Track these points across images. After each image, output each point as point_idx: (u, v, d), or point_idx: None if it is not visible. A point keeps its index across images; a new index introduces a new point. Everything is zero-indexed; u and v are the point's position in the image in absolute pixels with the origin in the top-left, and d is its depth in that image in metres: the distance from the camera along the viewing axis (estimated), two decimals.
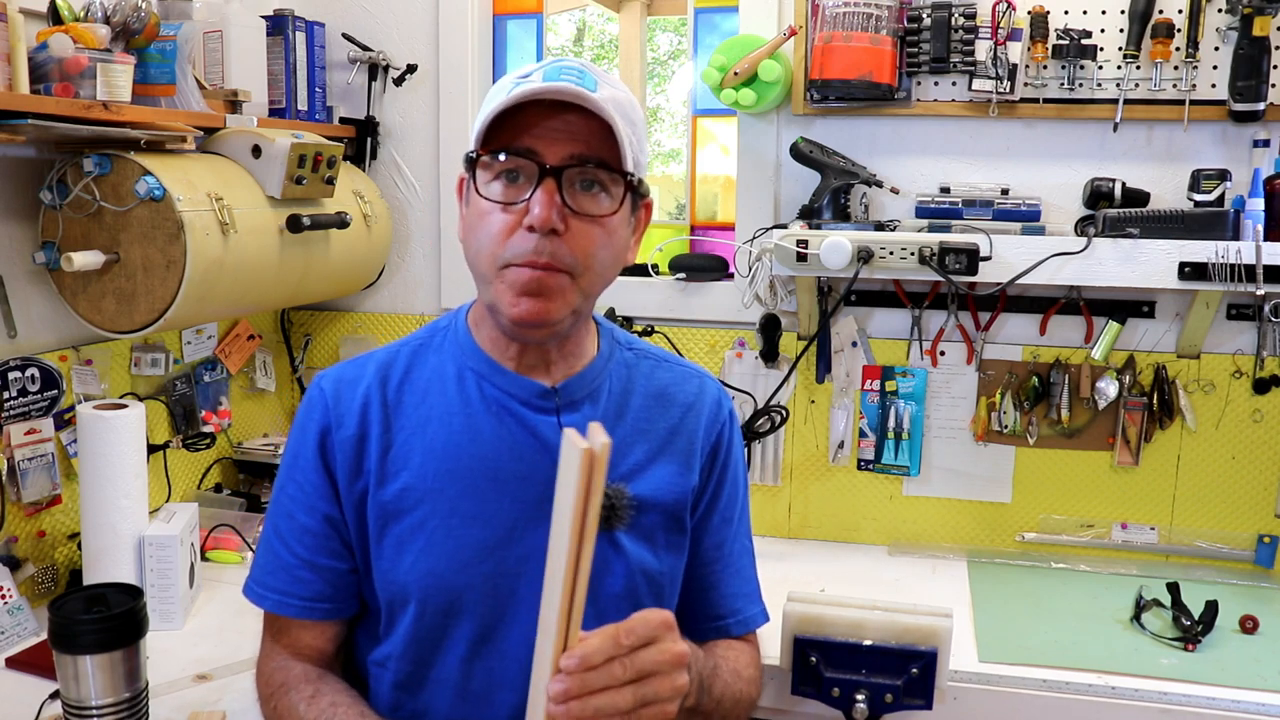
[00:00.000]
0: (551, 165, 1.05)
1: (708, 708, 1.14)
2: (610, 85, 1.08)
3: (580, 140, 1.06)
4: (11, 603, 1.66)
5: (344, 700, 1.15)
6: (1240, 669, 1.64)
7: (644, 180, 1.13)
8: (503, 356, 1.18)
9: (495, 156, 1.07)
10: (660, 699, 0.95)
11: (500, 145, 1.06)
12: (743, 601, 1.30)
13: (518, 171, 1.07)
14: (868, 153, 2.14)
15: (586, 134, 1.05)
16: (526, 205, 1.06)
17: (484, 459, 1.15)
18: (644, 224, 1.20)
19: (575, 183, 1.07)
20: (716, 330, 2.28)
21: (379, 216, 2.31)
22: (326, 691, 1.16)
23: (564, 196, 1.06)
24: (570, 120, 1.05)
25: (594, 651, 0.91)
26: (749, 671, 1.26)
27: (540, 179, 1.05)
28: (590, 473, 0.85)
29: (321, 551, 1.18)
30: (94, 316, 1.75)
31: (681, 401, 1.25)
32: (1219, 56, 1.92)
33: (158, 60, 1.79)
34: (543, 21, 2.52)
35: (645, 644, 0.94)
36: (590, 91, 1.04)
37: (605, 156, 1.06)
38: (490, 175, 1.08)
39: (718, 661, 1.19)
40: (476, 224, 1.10)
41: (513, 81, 1.08)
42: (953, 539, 2.22)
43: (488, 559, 1.13)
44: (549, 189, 1.05)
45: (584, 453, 0.84)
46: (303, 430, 1.19)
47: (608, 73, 1.12)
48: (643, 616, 0.96)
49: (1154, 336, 2.07)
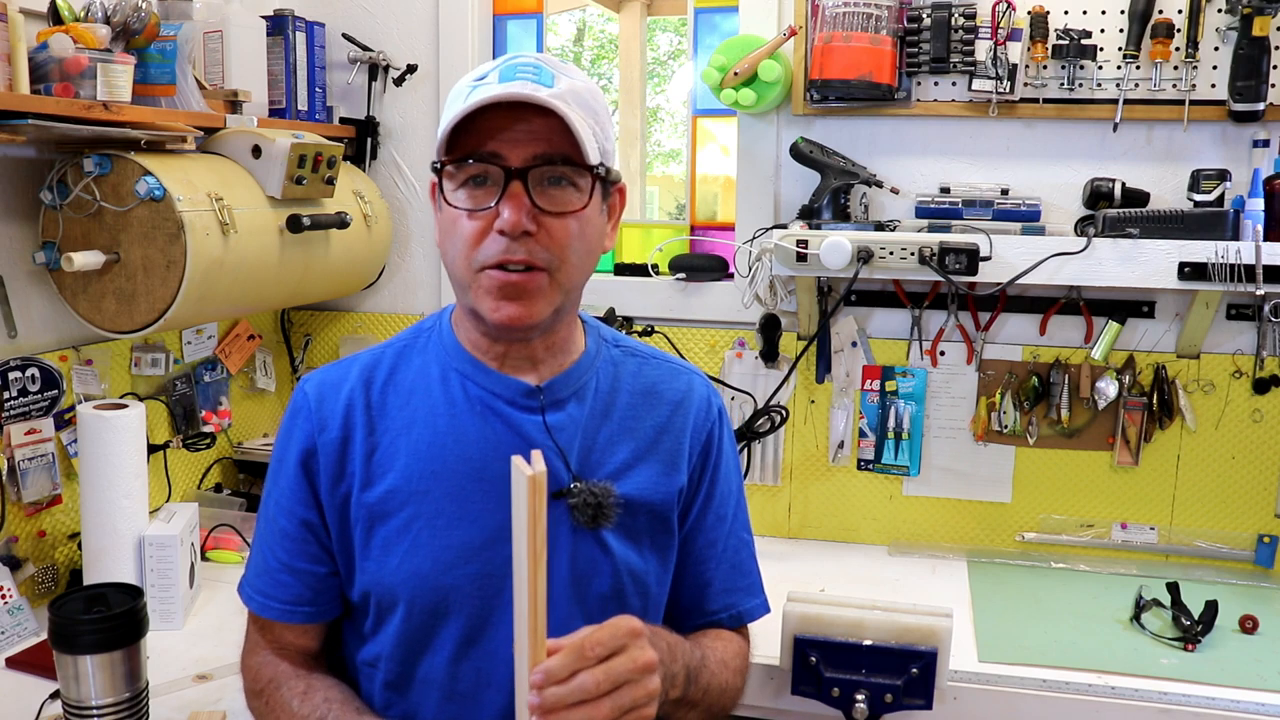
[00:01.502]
0: (516, 167, 1.05)
1: (694, 697, 1.14)
2: (568, 76, 1.08)
3: (542, 139, 1.05)
4: (11, 603, 1.66)
5: (336, 696, 1.15)
6: (1240, 669, 1.64)
7: (612, 168, 1.12)
8: (487, 356, 1.18)
9: (460, 164, 1.07)
10: (637, 705, 0.96)
11: (464, 152, 1.06)
12: (740, 595, 1.30)
13: (484, 176, 1.07)
14: (868, 153, 2.14)
15: (548, 132, 1.05)
16: (496, 210, 1.06)
17: (469, 460, 1.15)
18: (619, 210, 1.20)
19: (542, 181, 1.07)
20: (716, 330, 2.28)
21: (379, 216, 2.31)
22: (319, 688, 1.16)
23: (532, 197, 1.06)
24: (530, 120, 1.05)
25: (558, 667, 0.93)
26: (735, 662, 1.26)
27: (506, 182, 1.05)
28: (534, 497, 0.88)
29: (300, 556, 1.18)
30: (94, 316, 1.75)
31: (670, 399, 1.25)
32: (1219, 56, 1.92)
33: (158, 60, 1.79)
34: (543, 21, 2.52)
35: (614, 653, 0.95)
36: (546, 87, 1.04)
37: (569, 152, 1.06)
38: (457, 182, 1.08)
39: (705, 652, 1.19)
40: (449, 230, 1.10)
41: (469, 85, 1.08)
42: (953, 539, 2.22)
43: (474, 559, 1.14)
44: (516, 191, 1.05)
45: (528, 479, 0.87)
46: (287, 435, 1.20)
47: (565, 63, 1.11)
48: (610, 625, 0.96)
49: (1154, 336, 2.07)
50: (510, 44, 2.52)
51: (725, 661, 1.23)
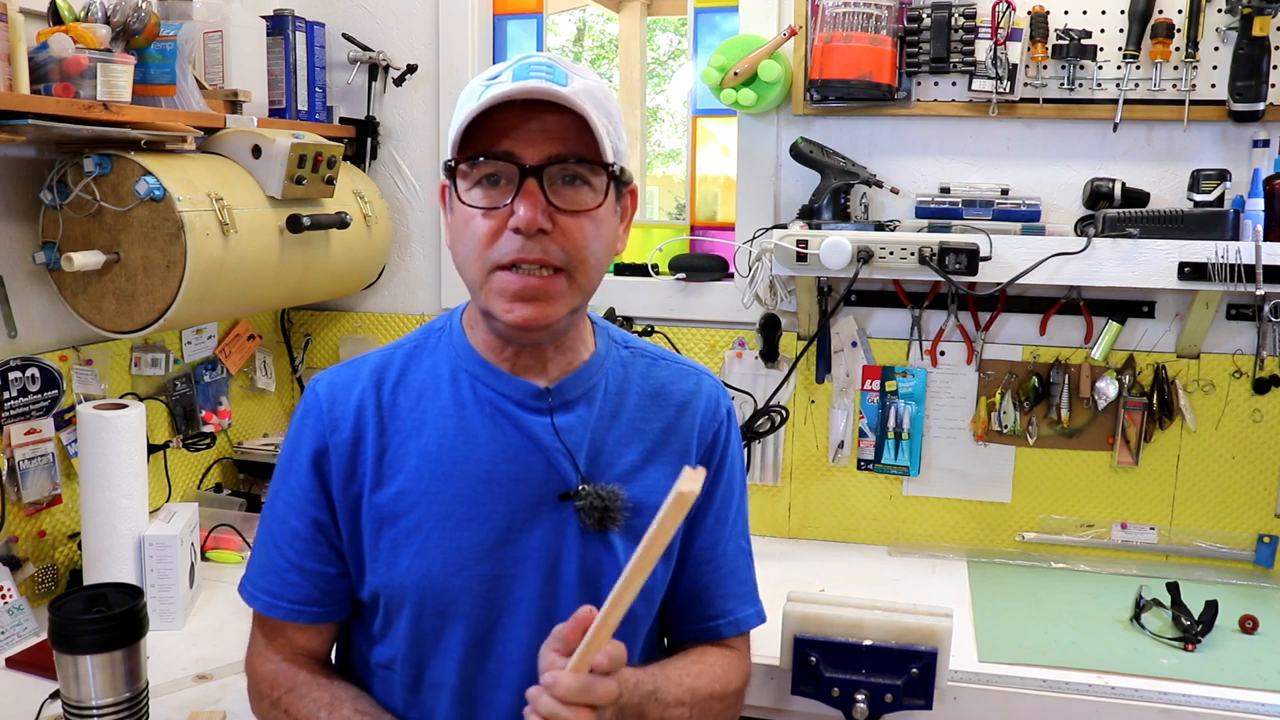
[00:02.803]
0: (531, 165, 1.04)
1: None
2: (581, 76, 1.07)
3: (557, 137, 1.05)
4: (11, 603, 1.66)
5: (366, 708, 1.15)
6: (1240, 669, 1.64)
7: (626, 168, 1.12)
8: (497, 358, 1.17)
9: (474, 162, 1.06)
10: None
11: (478, 150, 1.06)
12: (735, 603, 1.27)
13: (498, 175, 1.06)
14: (868, 153, 2.14)
15: (562, 130, 1.05)
16: (510, 208, 1.05)
17: (478, 461, 1.14)
18: (630, 212, 1.19)
19: (557, 179, 1.06)
20: (716, 330, 2.28)
21: (379, 216, 2.31)
22: (345, 699, 1.16)
23: (547, 195, 1.05)
24: (545, 118, 1.04)
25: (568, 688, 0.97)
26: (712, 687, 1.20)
27: (521, 180, 1.04)
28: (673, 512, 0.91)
29: (310, 556, 1.18)
30: (94, 316, 1.75)
31: (677, 400, 1.24)
32: (1219, 56, 1.92)
33: (158, 60, 1.79)
34: (543, 21, 2.52)
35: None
36: (561, 86, 1.03)
37: (584, 150, 1.05)
38: (470, 181, 1.07)
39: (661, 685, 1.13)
40: (462, 231, 1.09)
41: (482, 84, 1.07)
42: (953, 539, 2.22)
43: (483, 561, 1.13)
44: (531, 189, 1.04)
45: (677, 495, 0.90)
46: (297, 435, 1.20)
47: (576, 63, 1.11)
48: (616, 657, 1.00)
49: (1154, 336, 2.07)
50: (510, 44, 2.52)
51: (694, 689, 1.17)
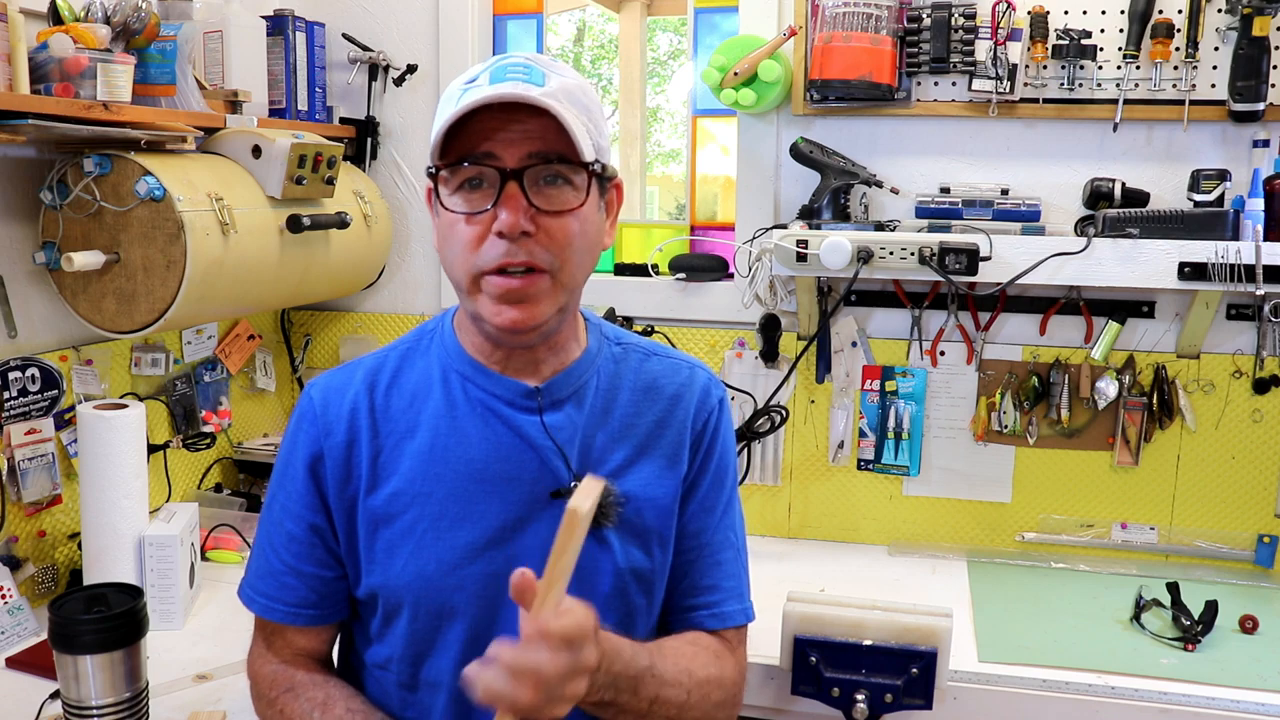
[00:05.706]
0: (511, 168, 1.05)
1: (634, 706, 1.08)
2: (559, 74, 1.07)
3: (536, 138, 1.05)
4: (11, 603, 1.66)
5: (359, 707, 1.16)
6: (1240, 669, 1.64)
7: (608, 164, 1.12)
8: (488, 359, 1.17)
9: (455, 167, 1.07)
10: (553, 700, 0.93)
11: (458, 155, 1.06)
12: (719, 595, 1.24)
13: (479, 178, 1.06)
14: (868, 153, 2.14)
15: (541, 131, 1.05)
16: (494, 212, 1.05)
17: (470, 461, 1.15)
18: (617, 206, 1.19)
19: (539, 180, 1.06)
20: (716, 330, 2.28)
21: (379, 216, 2.31)
22: (339, 698, 1.16)
23: (529, 197, 1.05)
24: (524, 119, 1.04)
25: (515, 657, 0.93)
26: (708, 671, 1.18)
27: (502, 184, 1.05)
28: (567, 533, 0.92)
29: (307, 559, 1.19)
30: (94, 316, 1.75)
31: (669, 393, 1.24)
32: (1219, 56, 1.92)
33: (158, 60, 1.79)
34: (543, 21, 2.52)
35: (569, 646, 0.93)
36: (537, 87, 1.03)
37: (564, 150, 1.05)
38: (452, 186, 1.08)
39: (657, 660, 1.11)
40: (447, 235, 1.10)
41: (460, 88, 1.07)
42: (953, 539, 2.22)
43: (476, 560, 1.14)
44: (513, 193, 1.04)
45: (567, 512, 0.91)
46: (293, 440, 1.20)
47: (555, 61, 1.11)
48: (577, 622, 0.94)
49: (1154, 336, 2.07)
50: (510, 44, 2.52)
51: (691, 671, 1.15)
